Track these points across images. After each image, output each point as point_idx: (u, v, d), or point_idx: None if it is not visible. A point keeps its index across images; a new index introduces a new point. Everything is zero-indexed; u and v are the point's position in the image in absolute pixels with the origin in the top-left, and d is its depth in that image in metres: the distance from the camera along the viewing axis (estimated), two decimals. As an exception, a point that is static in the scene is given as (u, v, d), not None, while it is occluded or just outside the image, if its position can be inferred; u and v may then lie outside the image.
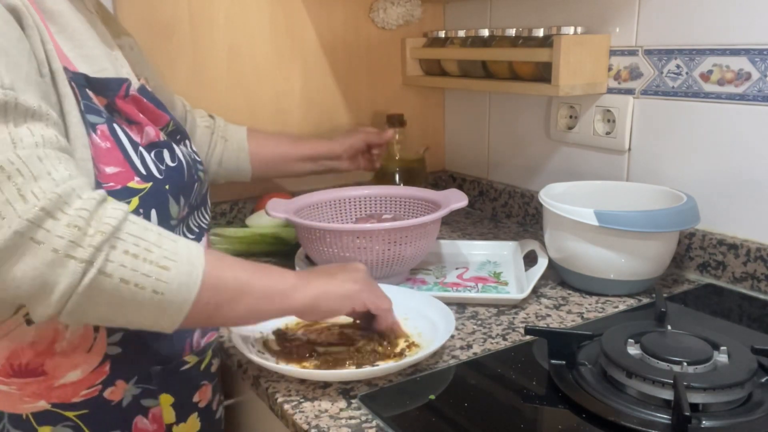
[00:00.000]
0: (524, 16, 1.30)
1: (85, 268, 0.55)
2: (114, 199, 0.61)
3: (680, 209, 0.94)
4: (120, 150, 0.67)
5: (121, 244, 0.57)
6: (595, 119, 1.18)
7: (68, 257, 0.54)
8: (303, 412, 0.69)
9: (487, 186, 1.45)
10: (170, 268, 0.58)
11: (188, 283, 0.59)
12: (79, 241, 0.55)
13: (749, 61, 0.95)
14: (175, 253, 0.59)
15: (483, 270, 1.09)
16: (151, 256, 0.58)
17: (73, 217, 0.55)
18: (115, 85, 0.70)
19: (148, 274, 0.57)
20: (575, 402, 0.68)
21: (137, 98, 0.72)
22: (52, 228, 0.54)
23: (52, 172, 0.56)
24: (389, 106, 1.48)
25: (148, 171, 0.69)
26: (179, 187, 0.73)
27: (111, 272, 0.56)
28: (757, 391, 0.68)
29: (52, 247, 0.54)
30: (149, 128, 0.72)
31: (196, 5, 1.22)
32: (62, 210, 0.55)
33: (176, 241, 0.61)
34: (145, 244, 0.58)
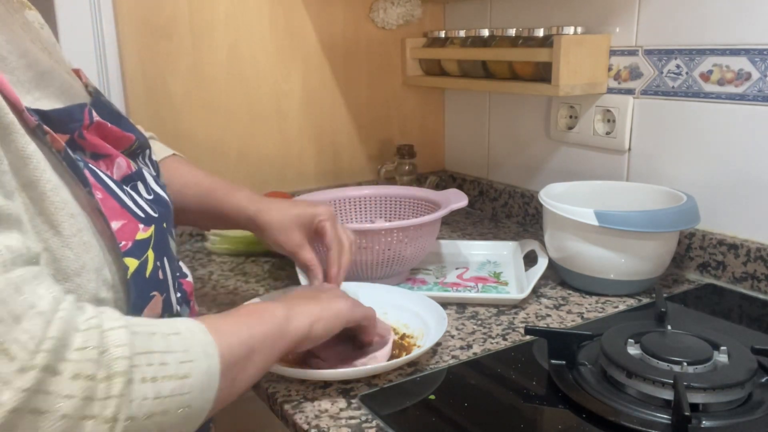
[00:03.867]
0: (524, 16, 1.30)
1: (111, 428, 0.43)
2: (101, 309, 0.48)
3: (680, 209, 0.94)
4: (112, 197, 0.55)
5: (137, 372, 0.45)
6: (595, 119, 1.18)
7: (84, 419, 0.42)
8: (303, 412, 0.69)
9: (487, 186, 1.45)
10: (190, 374, 0.49)
11: (209, 380, 0.51)
12: (94, 394, 0.42)
13: (749, 61, 0.95)
14: (187, 351, 0.50)
15: (483, 270, 1.09)
16: (168, 371, 0.47)
17: (78, 363, 0.42)
18: (78, 112, 0.54)
19: (170, 394, 0.47)
20: (575, 402, 0.68)
21: (101, 123, 0.57)
22: (55, 388, 0.41)
23: (37, 304, 0.42)
24: (389, 106, 1.49)
25: (145, 212, 0.58)
26: (171, 221, 0.66)
27: (135, 414, 0.44)
28: (757, 391, 0.68)
29: (61, 413, 0.41)
30: (120, 160, 0.59)
31: (196, 5, 1.22)
32: (63, 358, 0.41)
33: (179, 332, 0.50)
34: (157, 357, 0.47)
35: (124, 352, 0.45)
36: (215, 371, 0.51)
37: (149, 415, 0.45)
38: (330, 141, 1.42)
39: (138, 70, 1.18)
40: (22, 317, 0.41)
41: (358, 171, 1.48)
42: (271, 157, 1.35)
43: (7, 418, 0.39)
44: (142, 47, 1.18)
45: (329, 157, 1.43)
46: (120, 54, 1.16)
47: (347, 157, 1.46)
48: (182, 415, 0.48)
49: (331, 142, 1.42)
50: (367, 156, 1.48)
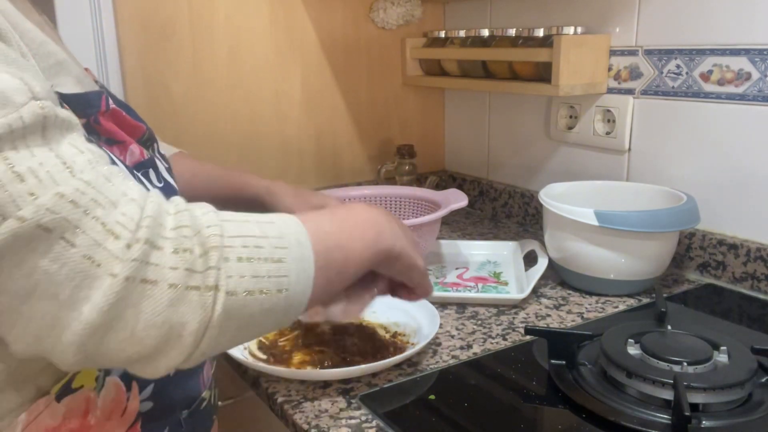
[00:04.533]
0: (524, 16, 1.30)
1: (214, 296, 0.46)
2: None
3: (680, 209, 0.94)
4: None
5: (232, 252, 0.48)
6: (595, 119, 1.18)
7: (189, 289, 0.46)
8: (303, 412, 0.69)
9: (487, 186, 1.45)
10: (285, 258, 0.51)
11: (305, 267, 0.53)
12: (194, 266, 0.46)
13: (749, 61, 0.95)
14: (281, 238, 0.52)
15: (483, 270, 1.09)
16: (263, 253, 0.50)
17: (176, 239, 0.46)
18: (96, 99, 0.58)
19: (268, 274, 0.50)
20: (575, 402, 0.68)
21: (117, 111, 0.61)
22: (160, 260, 0.45)
23: (128, 192, 0.46)
24: (389, 106, 1.49)
25: None
26: None
27: (235, 289, 0.48)
28: (757, 391, 0.68)
29: (169, 282, 0.45)
30: (133, 147, 0.62)
31: (196, 5, 1.22)
32: (161, 235, 0.46)
33: (274, 222, 0.54)
34: (252, 240, 0.50)
35: (216, 231, 0.48)
36: (310, 259, 0.53)
37: (249, 291, 0.48)
38: (330, 141, 1.42)
39: (138, 70, 1.18)
40: (119, 202, 0.45)
41: (358, 171, 1.48)
42: (271, 157, 1.35)
43: (123, 286, 0.43)
44: (142, 47, 1.18)
45: (329, 157, 1.43)
46: (120, 54, 1.16)
47: (347, 157, 1.45)
48: (282, 298, 0.51)
49: (331, 142, 1.42)
50: (367, 156, 1.48)
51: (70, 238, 0.42)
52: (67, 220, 0.42)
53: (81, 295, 0.42)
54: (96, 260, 0.43)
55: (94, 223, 0.43)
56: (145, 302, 0.44)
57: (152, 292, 0.44)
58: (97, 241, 0.43)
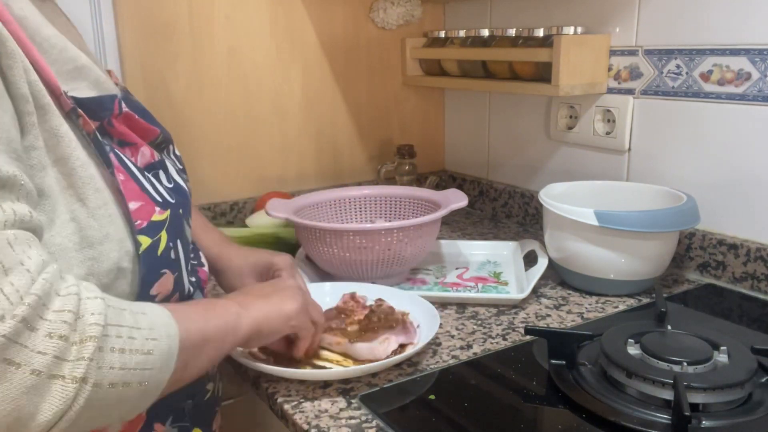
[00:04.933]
0: (524, 16, 1.30)
1: (78, 389, 0.44)
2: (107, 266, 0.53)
3: (680, 209, 0.94)
4: (134, 180, 0.59)
5: (108, 341, 0.47)
6: (595, 119, 1.18)
7: (52, 378, 0.43)
8: (303, 412, 0.69)
9: (487, 186, 1.45)
10: (153, 351, 0.51)
11: (168, 360, 0.52)
12: (65, 355, 0.44)
13: (749, 61, 0.95)
14: (152, 329, 0.52)
15: (483, 270, 1.09)
16: (134, 345, 0.49)
17: (54, 323, 0.44)
18: (109, 102, 0.60)
19: (134, 367, 0.49)
20: (575, 402, 0.68)
21: (129, 115, 0.62)
22: (30, 343, 0.42)
23: (25, 261, 0.45)
24: (389, 106, 1.49)
25: (163, 197, 0.62)
26: (188, 210, 0.69)
27: (101, 381, 0.46)
28: (757, 391, 0.68)
29: (32, 368, 0.42)
30: (144, 149, 0.64)
31: (196, 5, 1.22)
32: (40, 316, 0.44)
33: (146, 312, 0.53)
34: (126, 331, 0.49)
35: (98, 320, 0.47)
36: (174, 351, 0.53)
37: (113, 383, 0.47)
38: (330, 141, 1.42)
39: (138, 70, 1.18)
40: (11, 270, 0.44)
41: (358, 171, 1.48)
42: (271, 157, 1.35)
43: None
44: (143, 48, 1.18)
45: (329, 157, 1.43)
46: (120, 54, 1.16)
47: (347, 157, 1.46)
48: (140, 391, 0.50)
49: (331, 142, 1.42)
50: (367, 156, 1.48)
51: None
52: None
53: None
54: None
55: None
56: (0, 385, 0.42)
57: (12, 375, 0.42)
58: None
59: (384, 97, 1.48)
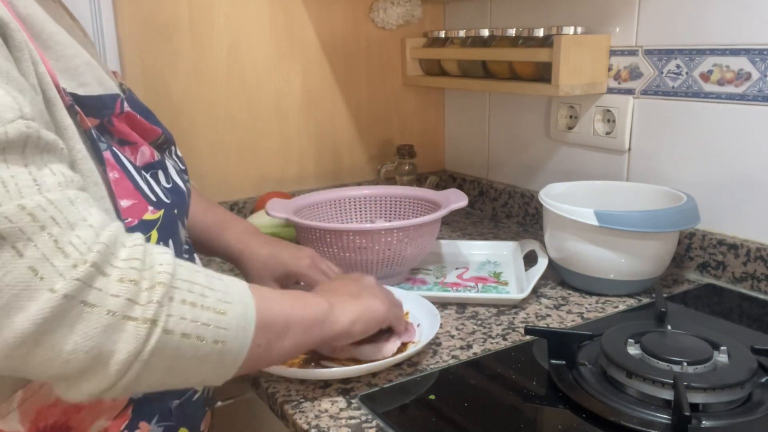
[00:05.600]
0: (524, 16, 1.30)
1: (149, 329, 0.47)
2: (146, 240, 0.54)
3: (680, 209, 0.94)
4: (128, 179, 0.60)
5: (178, 293, 0.50)
6: (595, 119, 1.18)
7: (126, 319, 0.46)
8: (303, 412, 0.69)
9: (487, 186, 1.45)
10: (227, 312, 0.52)
11: (245, 325, 0.54)
12: (137, 298, 0.47)
13: (749, 61, 0.95)
14: (227, 293, 0.54)
15: (483, 270, 1.09)
16: (207, 302, 0.51)
17: (124, 270, 0.47)
18: (110, 101, 0.61)
19: (207, 322, 0.51)
20: (575, 402, 0.68)
21: (131, 114, 0.64)
22: (104, 286, 0.46)
23: (88, 218, 0.48)
24: (389, 106, 1.49)
25: (158, 197, 0.63)
26: (185, 210, 0.70)
27: (173, 328, 0.49)
28: (757, 391, 0.68)
29: (107, 308, 0.46)
30: (144, 148, 0.65)
31: (196, 5, 1.22)
32: (110, 263, 0.47)
33: (222, 279, 0.55)
34: (198, 288, 0.52)
35: (167, 270, 0.50)
36: (251, 319, 0.55)
37: (186, 334, 0.49)
38: (330, 141, 1.42)
39: (138, 70, 1.18)
40: (76, 225, 0.46)
41: (358, 171, 1.48)
42: (271, 157, 1.36)
43: (60, 303, 0.44)
44: (142, 47, 1.18)
45: (329, 157, 1.43)
46: (120, 54, 1.16)
47: (347, 157, 1.46)
48: (217, 350, 0.52)
49: (331, 142, 1.42)
50: (367, 156, 1.48)
51: (21, 249, 0.44)
52: (22, 231, 0.44)
53: (18, 304, 0.43)
54: (40, 273, 0.44)
55: (47, 238, 0.45)
56: (79, 324, 0.45)
57: (89, 315, 0.45)
58: (45, 255, 0.44)
59: (384, 97, 1.48)
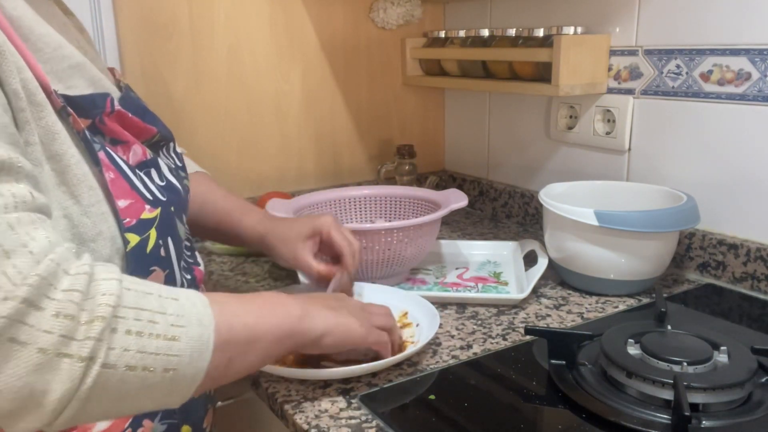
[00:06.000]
0: (524, 16, 1.30)
1: (86, 367, 0.45)
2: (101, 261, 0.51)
3: (680, 209, 0.94)
4: (124, 178, 0.59)
5: (122, 323, 0.47)
6: (595, 119, 1.18)
7: (60, 356, 0.44)
8: (303, 412, 0.69)
9: (487, 186, 1.45)
10: (179, 337, 0.50)
11: (200, 348, 0.51)
12: (73, 334, 0.44)
13: (749, 61, 0.95)
14: (181, 316, 0.51)
15: (483, 270, 1.09)
16: (157, 329, 0.49)
17: (61, 303, 0.45)
18: (101, 100, 0.60)
19: (156, 351, 0.48)
20: (575, 402, 0.68)
21: (122, 113, 0.62)
22: (36, 322, 0.43)
23: (29, 243, 0.45)
24: (389, 106, 1.49)
25: (154, 196, 0.62)
26: (182, 207, 0.69)
27: (114, 362, 0.46)
28: (757, 391, 0.68)
29: (38, 346, 0.43)
30: (136, 147, 0.64)
31: (196, 5, 1.22)
32: (47, 295, 0.44)
33: (178, 298, 0.52)
34: (147, 315, 0.49)
35: (109, 301, 0.47)
36: (208, 342, 0.52)
37: (130, 366, 0.47)
38: (330, 141, 1.42)
39: (138, 70, 1.18)
40: (12, 253, 0.44)
41: (358, 171, 1.48)
42: (271, 157, 1.36)
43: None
44: (142, 47, 1.18)
45: (329, 157, 1.43)
46: (120, 54, 1.16)
47: (347, 157, 1.46)
48: (168, 378, 0.49)
49: (331, 142, 1.42)
50: (367, 156, 1.48)
51: None
52: None
53: None
54: None
55: None
56: (8, 363, 0.43)
57: (18, 353, 0.43)
58: None
59: (384, 97, 1.48)
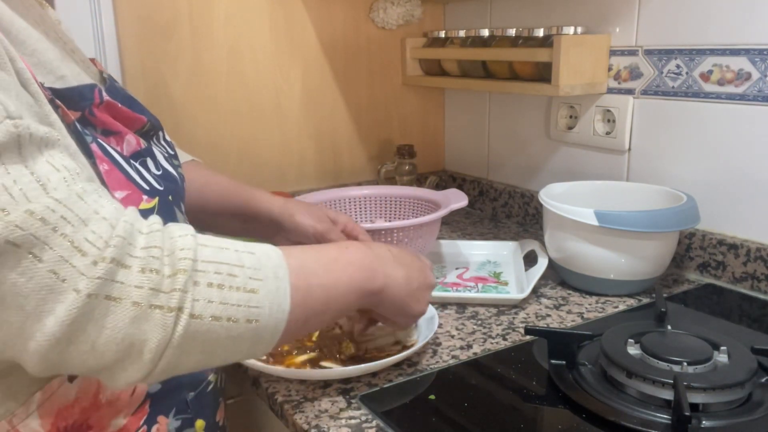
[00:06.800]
0: (524, 16, 1.30)
1: (176, 317, 0.47)
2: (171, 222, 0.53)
3: (680, 209, 0.94)
4: (119, 169, 0.59)
5: (203, 276, 0.49)
6: (595, 119, 1.18)
7: (153, 308, 0.47)
8: (303, 412, 0.69)
9: (487, 186, 1.45)
10: (258, 289, 0.52)
11: (279, 301, 0.53)
12: (160, 287, 0.47)
13: (749, 61, 0.95)
14: (258, 269, 0.53)
15: (483, 270, 1.09)
16: (236, 282, 0.51)
17: (144, 259, 0.47)
18: (88, 92, 0.59)
19: (238, 303, 0.50)
20: (575, 402, 0.68)
21: (111, 103, 0.62)
22: (125, 279, 0.46)
23: (100, 210, 0.47)
24: (389, 106, 1.49)
25: (150, 185, 0.62)
26: (180, 195, 0.69)
27: (200, 313, 0.48)
28: (757, 391, 0.68)
29: (132, 300, 0.46)
30: (129, 137, 0.64)
31: (196, 5, 1.22)
32: (130, 254, 0.47)
33: (254, 252, 0.54)
34: (226, 268, 0.51)
35: (188, 255, 0.49)
36: (285, 294, 0.54)
37: (216, 317, 0.49)
38: (330, 141, 1.42)
39: (138, 69, 1.18)
40: (89, 220, 0.46)
41: (358, 171, 1.48)
42: (271, 157, 1.36)
43: (85, 302, 0.44)
44: (142, 47, 1.18)
45: (329, 157, 1.43)
46: (120, 54, 1.16)
47: (347, 157, 1.46)
48: (251, 329, 0.51)
49: (331, 142, 1.42)
50: (367, 156, 1.48)
51: (38, 254, 0.44)
52: (36, 236, 0.44)
53: (45, 308, 0.44)
54: (61, 275, 0.44)
55: (61, 240, 0.44)
56: (107, 318, 0.45)
57: (115, 309, 0.45)
58: (63, 257, 0.44)
59: (384, 97, 1.48)
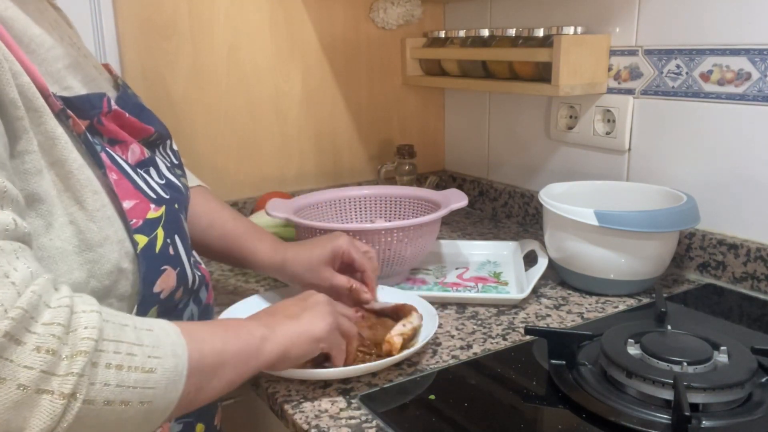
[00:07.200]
0: (524, 16, 1.30)
1: (67, 404, 0.43)
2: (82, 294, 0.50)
3: (680, 209, 0.94)
4: (127, 179, 0.59)
5: (103, 357, 0.46)
6: (595, 119, 1.18)
7: (40, 392, 0.42)
8: (303, 412, 0.69)
9: (487, 186, 1.45)
10: (156, 369, 0.49)
11: (174, 379, 0.50)
12: (54, 369, 0.43)
13: (749, 61, 0.95)
14: (156, 347, 0.50)
15: (483, 270, 1.09)
16: (134, 362, 0.47)
17: (42, 337, 0.43)
18: (98, 100, 0.59)
19: (134, 385, 0.47)
20: (575, 402, 0.68)
21: (119, 113, 0.62)
22: (16, 357, 0.41)
23: (11, 274, 0.43)
24: (389, 106, 1.49)
25: (157, 194, 0.62)
26: (184, 204, 0.69)
27: (94, 397, 0.44)
28: (757, 391, 0.68)
29: (18, 383, 0.41)
30: (134, 146, 0.64)
31: (196, 5, 1.22)
32: (27, 329, 0.42)
33: (152, 329, 0.51)
34: (126, 347, 0.48)
35: (91, 334, 0.45)
36: (182, 372, 0.51)
37: (109, 401, 0.46)
38: (330, 141, 1.42)
39: (138, 70, 1.18)
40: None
41: (358, 171, 1.48)
42: (271, 157, 1.35)
43: None
44: (142, 47, 1.18)
45: (329, 157, 1.43)
46: (120, 54, 1.16)
47: (347, 157, 1.46)
48: (143, 411, 0.48)
49: (331, 142, 1.42)
50: (367, 156, 1.48)
51: None
52: None
53: None
54: None
55: None
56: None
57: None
58: None
59: (384, 97, 1.48)
